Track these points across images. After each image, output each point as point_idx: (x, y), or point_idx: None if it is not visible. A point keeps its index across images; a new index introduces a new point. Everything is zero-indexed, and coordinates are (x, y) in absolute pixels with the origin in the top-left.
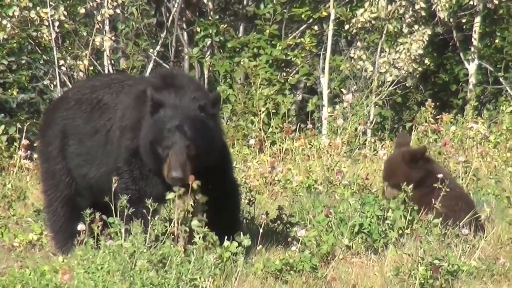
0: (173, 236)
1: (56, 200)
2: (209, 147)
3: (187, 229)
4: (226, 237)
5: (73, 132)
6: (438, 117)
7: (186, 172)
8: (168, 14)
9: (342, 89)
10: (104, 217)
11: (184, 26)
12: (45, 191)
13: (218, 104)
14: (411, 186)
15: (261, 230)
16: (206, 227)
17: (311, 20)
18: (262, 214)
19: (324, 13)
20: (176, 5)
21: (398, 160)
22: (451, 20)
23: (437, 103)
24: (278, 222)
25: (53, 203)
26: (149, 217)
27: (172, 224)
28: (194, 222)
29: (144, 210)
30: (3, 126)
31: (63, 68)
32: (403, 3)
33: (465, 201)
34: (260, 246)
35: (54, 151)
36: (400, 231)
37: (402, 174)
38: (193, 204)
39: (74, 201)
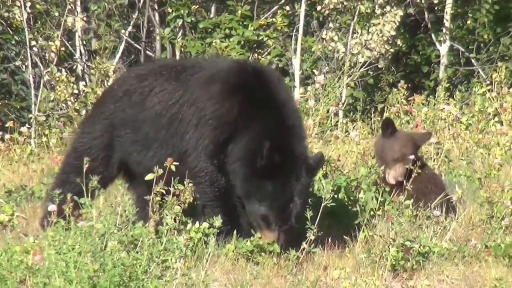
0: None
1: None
2: None
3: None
4: None
5: (125, 122)
6: (410, 98)
7: None
8: None
9: (314, 70)
10: (75, 198)
11: (156, 6)
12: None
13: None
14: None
15: None
16: None
17: (283, 1)
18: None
19: None
20: None
21: (410, 140)
22: (423, 1)
23: (409, 85)
24: None
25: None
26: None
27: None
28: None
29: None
30: None
31: (35, 49)
32: None
33: (435, 183)
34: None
35: (101, 144)
36: (372, 213)
37: (410, 153)
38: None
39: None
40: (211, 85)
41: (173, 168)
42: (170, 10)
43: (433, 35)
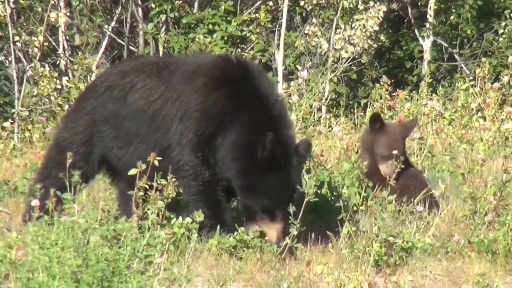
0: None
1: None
2: None
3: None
4: None
5: (106, 118)
6: (393, 94)
7: None
8: None
9: (297, 66)
10: (58, 193)
11: (139, 2)
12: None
13: None
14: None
15: None
16: None
17: None
18: None
19: None
20: None
21: (398, 134)
22: None
23: (392, 80)
24: (233, 198)
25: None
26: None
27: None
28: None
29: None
30: None
31: (18, 44)
32: None
33: (418, 179)
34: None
35: (82, 139)
36: (355, 208)
37: (402, 146)
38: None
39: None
40: (195, 79)
41: (156, 163)
42: (153, 6)
43: (416, 31)
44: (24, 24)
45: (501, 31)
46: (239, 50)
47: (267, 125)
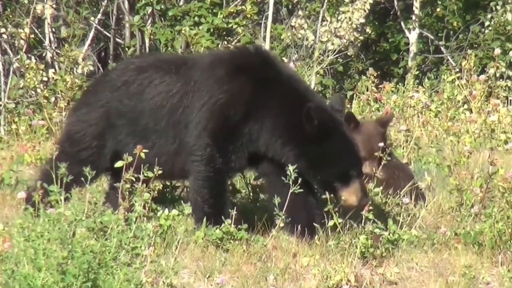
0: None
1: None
2: None
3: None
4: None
5: (121, 113)
6: (379, 86)
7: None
8: None
9: (284, 58)
10: (45, 185)
11: None
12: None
13: None
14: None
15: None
16: None
17: None
18: None
19: None
20: None
21: (374, 131)
22: None
23: (378, 72)
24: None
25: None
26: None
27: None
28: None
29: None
30: None
31: (4, 36)
32: None
33: (404, 171)
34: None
35: (95, 132)
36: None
37: (379, 142)
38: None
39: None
40: (215, 69)
41: (142, 155)
42: None
43: (402, 23)
44: (10, 16)
45: (487, 23)
46: (225, 42)
47: (300, 100)
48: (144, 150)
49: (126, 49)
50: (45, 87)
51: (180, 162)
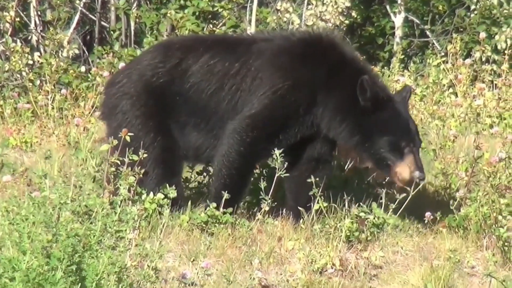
0: None
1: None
2: None
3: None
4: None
5: (175, 93)
6: None
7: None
8: None
9: None
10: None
11: None
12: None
13: None
14: None
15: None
16: None
17: None
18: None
19: None
20: None
21: None
22: None
23: (364, 56)
24: (205, 174)
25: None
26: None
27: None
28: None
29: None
30: None
31: None
32: None
33: None
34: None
35: (160, 125)
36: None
37: None
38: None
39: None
40: (278, 57)
41: (128, 138)
42: None
43: (388, 7)
44: None
45: (472, 7)
46: (211, 25)
47: (358, 77)
48: None
49: (112, 32)
50: (30, 70)
51: None
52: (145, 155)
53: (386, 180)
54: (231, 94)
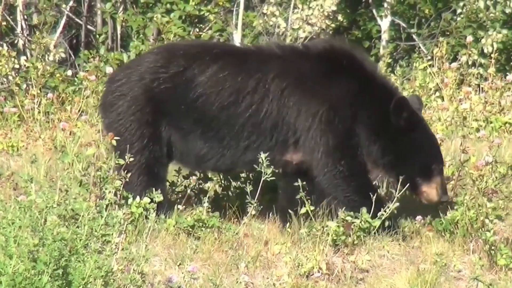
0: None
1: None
2: None
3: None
4: None
5: (178, 101)
6: None
7: None
8: None
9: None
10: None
11: None
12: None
13: None
14: None
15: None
16: None
17: None
18: (173, 169)
19: None
20: None
21: None
22: None
23: None
24: (191, 177)
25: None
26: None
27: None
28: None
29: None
30: None
31: None
32: None
33: None
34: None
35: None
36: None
37: None
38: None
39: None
40: (306, 73)
41: (114, 142)
42: None
43: (374, 10)
44: None
45: (459, 10)
46: (197, 29)
47: (387, 95)
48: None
49: (98, 36)
50: (16, 74)
51: (248, 156)
52: (132, 160)
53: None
54: (251, 112)
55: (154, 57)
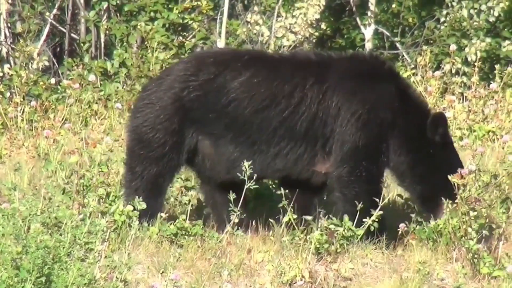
0: None
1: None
2: None
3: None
4: None
5: (207, 108)
6: None
7: None
8: None
9: None
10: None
11: None
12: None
13: None
14: None
15: None
16: None
17: None
18: None
19: None
20: None
21: None
22: None
23: None
24: (176, 185)
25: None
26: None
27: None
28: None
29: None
30: None
31: None
32: None
33: None
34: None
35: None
36: None
37: None
38: None
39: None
40: (344, 81)
41: (98, 150)
42: None
43: (358, 19)
44: None
45: (442, 19)
46: (181, 38)
47: (418, 107)
48: None
49: (82, 44)
50: (0, 82)
51: (277, 164)
52: (145, 167)
53: None
54: (286, 115)
55: (183, 66)
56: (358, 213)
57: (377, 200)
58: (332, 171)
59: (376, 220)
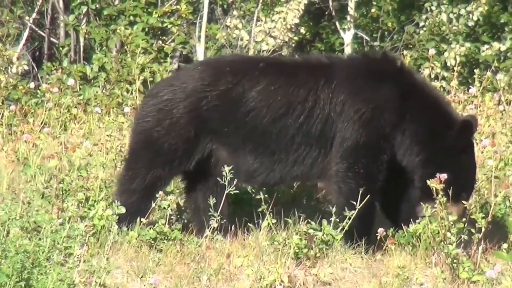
0: None
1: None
2: None
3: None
4: None
5: (225, 118)
6: None
7: None
8: None
9: None
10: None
11: None
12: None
13: None
14: None
15: None
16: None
17: None
18: None
19: None
20: None
21: None
22: None
23: None
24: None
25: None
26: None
27: None
28: None
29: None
30: None
31: None
32: None
33: None
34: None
35: (183, 135)
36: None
37: None
38: None
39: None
40: (353, 80)
41: (77, 154)
42: None
43: (337, 23)
44: None
45: (421, 23)
46: (160, 42)
47: (435, 107)
48: None
49: (61, 48)
50: None
51: (296, 171)
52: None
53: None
54: (302, 120)
55: (199, 75)
56: (346, 207)
57: (371, 199)
58: (332, 166)
59: (360, 221)
